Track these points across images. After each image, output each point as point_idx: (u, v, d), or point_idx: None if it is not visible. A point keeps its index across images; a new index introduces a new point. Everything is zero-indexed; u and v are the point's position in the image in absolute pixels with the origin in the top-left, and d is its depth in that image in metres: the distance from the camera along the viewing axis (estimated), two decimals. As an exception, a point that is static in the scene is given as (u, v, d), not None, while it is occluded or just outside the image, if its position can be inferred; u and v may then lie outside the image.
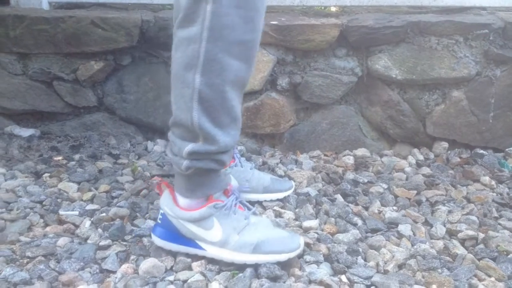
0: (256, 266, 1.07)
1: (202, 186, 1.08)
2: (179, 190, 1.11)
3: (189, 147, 1.02)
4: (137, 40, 1.68)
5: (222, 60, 0.96)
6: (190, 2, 0.94)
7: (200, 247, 1.10)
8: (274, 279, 1.05)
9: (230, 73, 0.97)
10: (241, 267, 1.08)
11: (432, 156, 1.74)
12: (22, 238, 1.17)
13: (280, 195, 1.38)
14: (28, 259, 1.10)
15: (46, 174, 1.49)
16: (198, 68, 0.97)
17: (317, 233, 1.24)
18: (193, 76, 0.97)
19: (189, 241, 1.11)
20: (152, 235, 1.13)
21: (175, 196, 1.11)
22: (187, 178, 1.08)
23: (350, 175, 1.57)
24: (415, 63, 1.70)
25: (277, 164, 1.64)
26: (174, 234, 1.11)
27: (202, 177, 1.08)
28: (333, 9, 2.04)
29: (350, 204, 1.40)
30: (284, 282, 1.04)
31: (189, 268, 1.09)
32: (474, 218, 1.33)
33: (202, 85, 0.97)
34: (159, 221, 1.13)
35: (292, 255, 1.09)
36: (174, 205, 1.10)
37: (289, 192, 1.40)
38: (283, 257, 1.08)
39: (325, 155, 1.74)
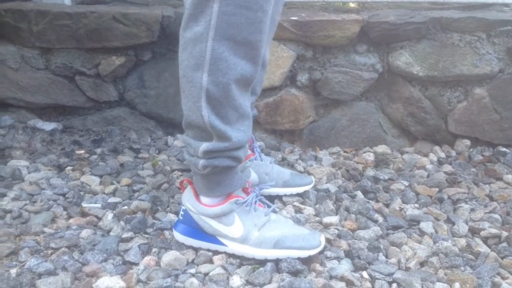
0: (277, 261, 1.07)
1: (220, 184, 1.09)
2: (199, 190, 1.12)
3: (204, 146, 1.03)
4: (157, 36, 1.69)
5: (228, 59, 0.97)
6: (198, 1, 0.94)
7: (221, 243, 1.11)
8: (295, 273, 1.05)
9: (235, 71, 0.98)
10: (262, 262, 1.08)
11: (454, 153, 1.72)
12: (46, 230, 1.19)
13: (300, 190, 1.38)
14: (52, 250, 1.11)
15: (69, 167, 1.51)
16: (205, 67, 0.97)
17: (337, 229, 1.23)
18: (201, 76, 0.98)
19: (210, 237, 1.11)
20: (174, 231, 1.14)
21: (196, 193, 1.12)
22: (205, 178, 1.09)
23: (370, 172, 1.56)
24: (437, 59, 1.68)
25: (297, 160, 1.63)
26: (195, 230, 1.12)
27: (220, 175, 1.08)
28: (352, 5, 2.03)
29: (370, 201, 1.39)
30: (305, 277, 1.04)
31: (210, 261, 1.09)
32: (497, 216, 1.31)
33: (209, 84, 0.98)
34: (181, 217, 1.14)
35: (313, 252, 1.09)
36: (195, 201, 1.11)
37: (309, 187, 1.39)
38: (304, 253, 1.08)
39: (344, 151, 1.73)
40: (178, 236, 1.13)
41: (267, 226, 1.11)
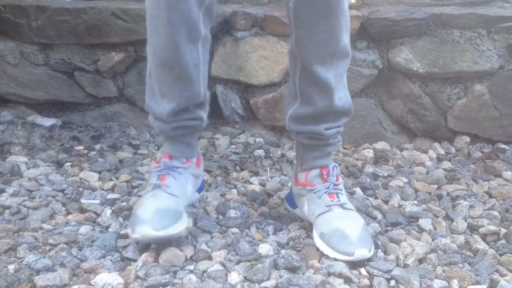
0: (274, 257, 1.07)
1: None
2: None
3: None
4: (157, 31, 1.68)
5: (148, 32, 1.08)
6: None
7: None
8: (292, 270, 1.05)
9: (151, 43, 1.09)
10: (260, 257, 1.08)
11: (453, 150, 1.72)
12: (45, 226, 1.19)
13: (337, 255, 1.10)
14: (51, 246, 1.11)
15: (68, 163, 1.51)
16: None
17: (336, 225, 1.23)
18: None
19: None
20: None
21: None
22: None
23: (369, 169, 1.56)
24: (437, 56, 1.68)
25: (296, 156, 1.63)
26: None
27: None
28: (352, 0, 2.02)
29: (369, 198, 1.39)
30: (303, 274, 1.04)
31: (209, 258, 1.09)
32: (495, 213, 1.31)
33: (148, 52, 1.12)
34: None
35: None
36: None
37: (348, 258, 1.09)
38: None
39: (344, 148, 1.73)
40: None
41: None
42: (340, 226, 1.10)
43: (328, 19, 1.06)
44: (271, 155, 1.64)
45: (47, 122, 1.75)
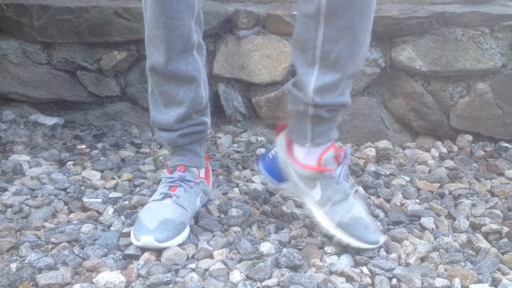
0: (276, 256, 1.07)
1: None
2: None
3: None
4: (159, 30, 1.68)
5: (148, 47, 1.11)
6: None
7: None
8: (294, 268, 1.05)
9: (150, 60, 1.12)
10: (262, 256, 1.08)
11: (455, 149, 1.72)
12: (47, 224, 1.19)
13: (357, 244, 1.11)
14: (53, 245, 1.11)
15: (70, 162, 1.51)
16: None
17: (338, 224, 1.23)
18: None
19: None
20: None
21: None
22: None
23: (371, 167, 1.56)
24: (440, 54, 1.67)
25: (298, 155, 1.63)
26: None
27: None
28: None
29: (371, 196, 1.39)
30: (305, 272, 1.04)
31: (211, 256, 1.09)
32: (498, 212, 1.31)
33: (148, 66, 1.14)
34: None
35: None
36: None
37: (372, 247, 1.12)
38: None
39: (346, 146, 1.73)
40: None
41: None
42: (359, 214, 1.12)
43: None
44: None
45: (50, 121, 1.76)
